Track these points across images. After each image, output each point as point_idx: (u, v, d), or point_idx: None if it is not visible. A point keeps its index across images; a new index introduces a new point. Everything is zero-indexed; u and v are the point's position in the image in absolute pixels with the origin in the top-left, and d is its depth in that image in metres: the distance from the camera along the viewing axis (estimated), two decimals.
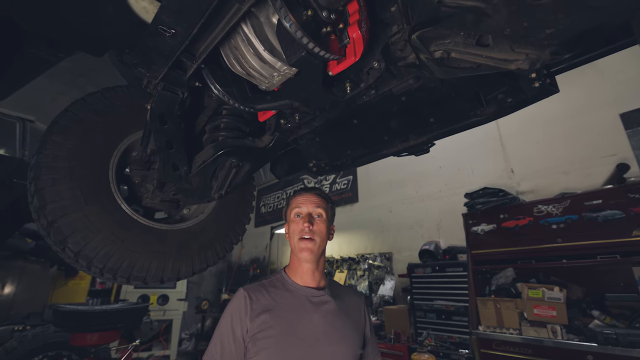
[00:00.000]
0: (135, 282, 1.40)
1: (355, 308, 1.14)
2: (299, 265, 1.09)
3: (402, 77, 1.10)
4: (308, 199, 1.12)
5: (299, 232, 1.06)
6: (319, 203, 1.12)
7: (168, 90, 1.10)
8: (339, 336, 1.01)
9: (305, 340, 0.97)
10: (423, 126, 1.46)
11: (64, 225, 1.22)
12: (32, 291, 5.13)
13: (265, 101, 1.18)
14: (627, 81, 3.22)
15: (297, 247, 1.06)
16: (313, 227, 1.06)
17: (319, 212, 1.10)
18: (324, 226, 1.10)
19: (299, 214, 1.10)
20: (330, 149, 1.71)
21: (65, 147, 1.29)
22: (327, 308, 1.05)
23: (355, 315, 1.12)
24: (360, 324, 1.12)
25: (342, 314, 1.07)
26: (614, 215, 2.54)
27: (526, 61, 0.61)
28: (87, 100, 1.42)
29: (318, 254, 1.07)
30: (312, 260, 1.06)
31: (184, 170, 1.36)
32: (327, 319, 1.03)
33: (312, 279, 1.08)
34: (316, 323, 1.00)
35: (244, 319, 0.97)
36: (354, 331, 1.06)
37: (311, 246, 1.04)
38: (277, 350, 0.94)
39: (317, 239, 1.06)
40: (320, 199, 1.14)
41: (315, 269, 1.09)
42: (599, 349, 2.27)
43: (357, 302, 1.17)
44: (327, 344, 0.98)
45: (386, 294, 4.50)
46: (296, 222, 1.09)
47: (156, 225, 1.49)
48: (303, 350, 0.95)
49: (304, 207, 1.10)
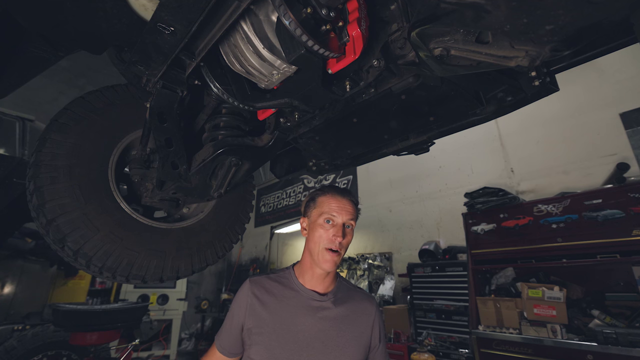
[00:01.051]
0: (134, 281, 1.40)
1: (363, 315, 1.08)
2: (310, 268, 1.05)
3: (401, 76, 1.10)
4: (344, 208, 1.03)
5: (327, 242, 1.00)
6: (353, 213, 1.05)
7: (167, 88, 1.09)
8: (333, 345, 0.97)
9: (297, 343, 0.95)
10: (423, 125, 1.46)
11: (63, 224, 1.21)
12: (31, 291, 5.12)
13: (265, 99, 1.18)
14: (627, 80, 3.22)
15: (320, 257, 1.00)
16: (343, 241, 1.01)
17: (351, 223, 1.04)
18: (351, 238, 1.06)
19: (329, 220, 1.02)
20: (330, 148, 1.71)
21: (64, 145, 1.28)
22: (325, 314, 1.01)
23: (361, 324, 1.06)
24: (365, 334, 1.05)
25: (342, 322, 1.02)
26: (614, 215, 2.54)
27: (526, 58, 0.61)
28: (86, 98, 1.41)
29: (338, 265, 1.04)
30: (332, 270, 1.03)
31: (184, 168, 1.35)
32: (323, 325, 0.99)
33: (321, 283, 1.05)
34: (311, 329, 0.98)
35: (242, 310, 1.01)
36: (353, 342, 1.01)
37: (337, 259, 1.00)
38: (266, 348, 0.94)
39: (342, 251, 1.02)
40: (354, 208, 1.07)
41: (326, 275, 1.05)
42: (599, 348, 2.27)
43: (368, 308, 1.10)
44: (319, 351, 0.95)
45: (386, 294, 4.50)
46: (325, 229, 1.01)
47: (155, 224, 1.48)
48: (293, 353, 0.94)
49: (339, 216, 1.02)
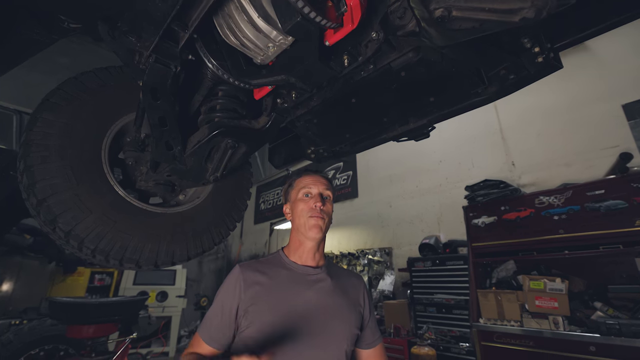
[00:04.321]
0: (128, 265, 1.37)
1: (354, 289, 1.13)
2: (299, 245, 1.09)
3: (401, 50, 1.07)
4: (317, 180, 1.12)
5: (308, 211, 1.06)
6: (327, 185, 1.14)
7: (160, 63, 1.06)
8: (333, 313, 1.01)
9: (298, 315, 0.96)
10: (423, 106, 1.43)
11: (54, 204, 1.19)
12: (30, 287, 5.10)
13: (261, 76, 1.15)
14: (629, 71, 3.18)
15: (306, 225, 1.05)
16: (324, 207, 1.07)
17: (328, 194, 1.12)
18: (332, 208, 1.12)
19: (308, 194, 1.10)
20: (328, 132, 1.67)
21: (56, 125, 1.26)
22: (322, 285, 1.05)
23: (353, 296, 1.11)
24: (357, 305, 1.10)
25: (338, 292, 1.06)
26: (616, 205, 2.50)
27: (532, 9, 0.58)
28: (79, 79, 1.39)
29: (324, 234, 1.08)
30: (320, 238, 1.07)
31: (178, 149, 1.33)
32: (322, 295, 1.02)
33: (312, 258, 1.08)
34: (310, 299, 1.00)
35: (236, 293, 0.97)
36: (350, 310, 1.05)
37: (321, 224, 1.05)
38: (268, 323, 0.93)
39: (326, 218, 1.07)
40: (328, 182, 1.16)
41: (316, 249, 1.09)
42: (602, 339, 2.24)
43: (356, 283, 1.16)
44: (320, 320, 0.97)
45: (386, 289, 4.47)
46: (305, 202, 1.08)
47: (150, 208, 1.46)
48: (295, 324, 0.94)
49: (314, 187, 1.10)
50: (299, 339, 0.92)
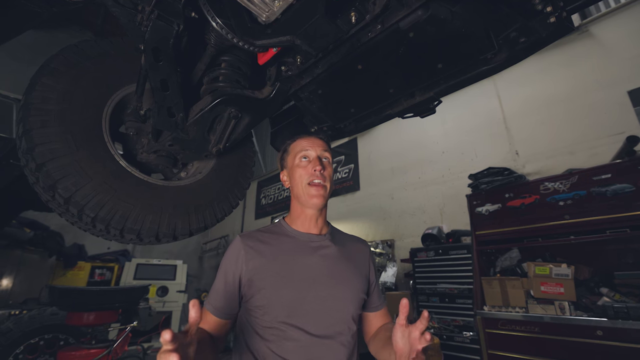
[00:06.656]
0: (129, 236, 1.34)
1: (359, 254, 1.09)
2: (301, 212, 1.03)
3: (410, 6, 1.04)
4: (314, 142, 1.04)
5: (308, 177, 0.99)
6: (325, 147, 1.06)
7: (162, 20, 1.03)
8: (339, 278, 0.96)
9: (303, 281, 0.92)
10: (430, 75, 1.39)
11: (54, 169, 1.16)
12: (30, 281, 5.07)
13: (266, 35, 1.12)
14: (635, 58, 3.15)
15: (306, 194, 0.99)
16: (324, 171, 1.00)
17: (326, 155, 1.05)
18: (332, 170, 1.06)
19: (306, 157, 1.02)
20: (332, 106, 1.64)
21: (55, 89, 1.23)
22: (326, 252, 1.00)
23: (359, 261, 1.07)
24: (364, 270, 1.06)
25: (343, 258, 1.02)
26: (623, 189, 2.47)
27: None
28: (79, 46, 1.36)
29: (326, 200, 1.02)
30: (322, 206, 1.01)
31: (180, 117, 1.30)
32: (327, 262, 0.98)
33: (315, 225, 1.03)
34: (314, 265, 0.96)
35: (238, 263, 0.93)
36: (356, 275, 1.01)
37: (323, 192, 0.99)
38: (273, 290, 0.89)
39: (327, 184, 1.01)
40: (325, 143, 1.08)
41: (319, 215, 1.03)
42: (609, 323, 2.21)
43: (362, 248, 1.12)
44: (326, 285, 0.93)
45: (388, 281, 4.43)
46: (303, 167, 1.01)
47: (151, 180, 1.43)
48: (300, 290, 0.90)
49: (312, 150, 1.02)
50: (305, 305, 0.89)
